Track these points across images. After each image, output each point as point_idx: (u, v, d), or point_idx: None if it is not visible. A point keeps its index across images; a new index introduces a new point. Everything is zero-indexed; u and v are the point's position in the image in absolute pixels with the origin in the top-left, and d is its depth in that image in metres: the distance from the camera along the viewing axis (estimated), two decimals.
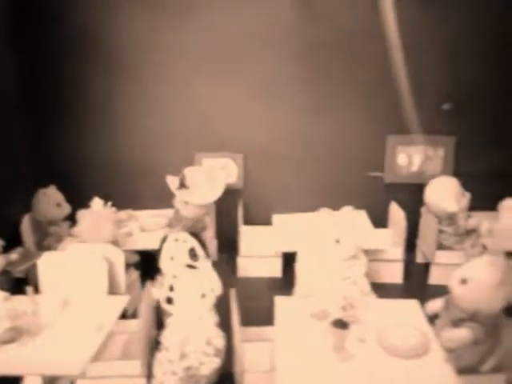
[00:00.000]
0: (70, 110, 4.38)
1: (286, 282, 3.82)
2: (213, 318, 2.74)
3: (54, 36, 4.20)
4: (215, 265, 4.31)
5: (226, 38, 4.22)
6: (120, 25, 4.20)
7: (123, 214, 4.25)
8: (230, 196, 4.43)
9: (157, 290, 2.78)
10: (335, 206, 3.47)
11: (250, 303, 3.50)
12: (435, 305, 2.74)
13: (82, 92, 4.32)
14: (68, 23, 4.17)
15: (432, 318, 2.72)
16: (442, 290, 2.75)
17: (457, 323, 2.53)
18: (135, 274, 3.69)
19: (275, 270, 4.17)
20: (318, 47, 4.23)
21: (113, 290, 3.25)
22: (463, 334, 2.46)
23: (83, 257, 3.13)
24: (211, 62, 4.28)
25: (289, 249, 3.86)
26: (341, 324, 2.39)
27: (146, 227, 4.10)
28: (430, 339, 2.45)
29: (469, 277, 2.47)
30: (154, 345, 2.76)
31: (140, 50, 4.26)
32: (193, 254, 3.01)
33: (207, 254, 3.13)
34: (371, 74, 4.25)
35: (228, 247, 4.39)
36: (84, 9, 4.14)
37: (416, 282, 4.10)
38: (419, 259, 4.39)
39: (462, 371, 2.43)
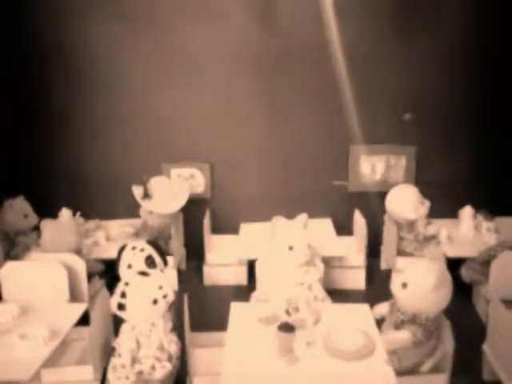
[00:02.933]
0: (38, 121, 4.45)
1: (251, 290, 3.89)
2: (166, 324, 2.80)
3: (21, 49, 4.30)
4: (183, 273, 4.45)
5: (189, 51, 4.34)
6: (85, 37, 4.30)
7: (91, 223, 4.33)
8: (197, 205, 4.52)
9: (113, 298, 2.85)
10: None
11: (214, 310, 3.62)
12: (381, 308, 2.84)
13: (51, 103, 4.41)
14: (31, 33, 4.26)
15: (380, 322, 2.82)
16: None
17: (399, 325, 2.63)
18: (100, 283, 3.75)
19: (241, 277, 4.25)
20: (280, 59, 4.35)
21: (75, 298, 3.33)
22: (403, 335, 2.56)
23: (44, 266, 3.20)
24: (177, 75, 4.39)
25: (252, 256, 3.96)
26: (286, 328, 2.47)
27: (112, 237, 4.18)
28: (375, 342, 2.54)
29: (408, 281, 2.57)
30: (111, 351, 2.82)
31: (108, 63, 4.37)
32: (150, 261, 3.09)
33: (165, 262, 3.22)
34: (333, 86, 4.36)
35: (196, 256, 4.45)
36: (49, 20, 4.23)
37: (378, 288, 4.18)
38: (383, 266, 4.48)
39: (403, 372, 2.54)
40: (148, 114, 4.45)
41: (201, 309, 3.70)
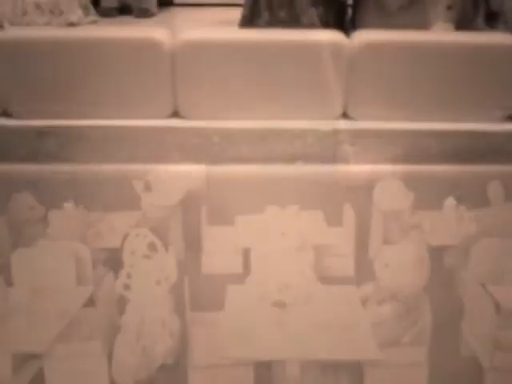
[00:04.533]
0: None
1: (246, 277, 4.10)
2: (168, 304, 3.04)
3: None
4: (182, 263, 4.66)
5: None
6: None
7: (94, 215, 4.54)
8: (195, 198, 4.73)
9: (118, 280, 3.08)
10: None
11: (211, 296, 3.84)
12: (366, 287, 3.10)
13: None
14: None
15: (365, 300, 3.08)
16: None
17: (381, 302, 2.88)
18: (104, 270, 3.96)
19: (237, 266, 4.44)
20: (274, 58, 4.57)
21: (81, 283, 3.54)
22: (386, 310, 2.81)
23: (52, 252, 3.42)
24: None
25: (247, 245, 4.17)
26: (279, 304, 2.72)
27: (115, 228, 4.39)
28: (360, 317, 2.80)
29: (389, 262, 2.83)
30: (117, 328, 3.05)
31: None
32: (152, 247, 3.31)
33: (166, 248, 3.44)
34: (328, 85, 4.59)
35: (194, 246, 4.66)
36: None
37: (366, 276, 4.39)
38: (371, 255, 4.70)
39: (386, 344, 2.79)
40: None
41: (199, 295, 3.91)
